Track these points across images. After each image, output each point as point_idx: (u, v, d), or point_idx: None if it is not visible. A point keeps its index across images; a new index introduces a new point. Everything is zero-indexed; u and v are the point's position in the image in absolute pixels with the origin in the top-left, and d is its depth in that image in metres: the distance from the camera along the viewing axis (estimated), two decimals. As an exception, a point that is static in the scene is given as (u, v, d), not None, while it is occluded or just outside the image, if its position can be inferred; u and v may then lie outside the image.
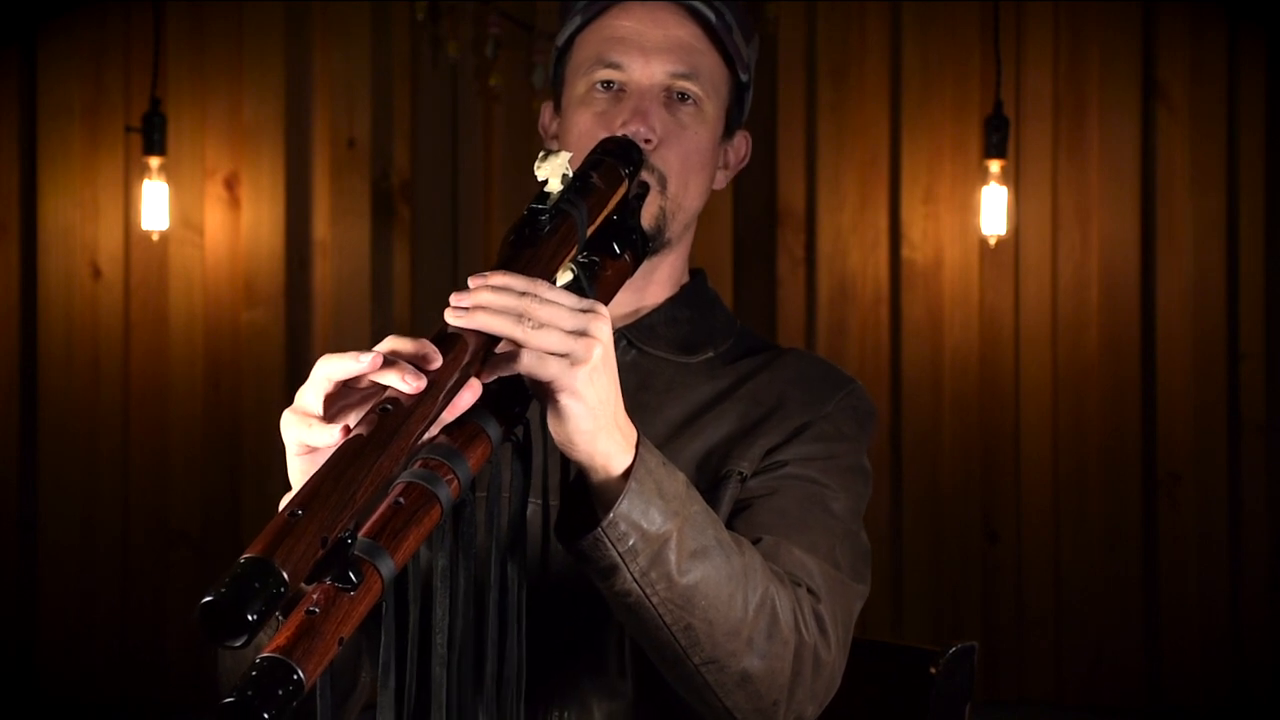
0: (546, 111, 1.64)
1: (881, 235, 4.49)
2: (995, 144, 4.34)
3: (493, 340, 1.18)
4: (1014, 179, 4.44)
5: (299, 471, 1.17)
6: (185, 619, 4.38)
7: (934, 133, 4.47)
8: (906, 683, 1.61)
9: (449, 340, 1.15)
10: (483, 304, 1.17)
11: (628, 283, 1.55)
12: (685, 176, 1.54)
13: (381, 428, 1.06)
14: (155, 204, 4.26)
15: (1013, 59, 4.45)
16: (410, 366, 1.10)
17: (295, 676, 0.95)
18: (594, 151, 1.43)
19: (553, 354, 1.19)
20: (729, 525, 1.45)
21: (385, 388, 1.10)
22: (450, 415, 1.15)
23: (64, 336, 4.35)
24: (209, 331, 4.38)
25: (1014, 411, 4.46)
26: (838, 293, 4.49)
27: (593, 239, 1.36)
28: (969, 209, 4.44)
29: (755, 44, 1.62)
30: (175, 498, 4.38)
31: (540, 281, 1.20)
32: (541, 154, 1.32)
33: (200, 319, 4.38)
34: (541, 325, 1.18)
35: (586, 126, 1.53)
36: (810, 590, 1.39)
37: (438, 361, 1.11)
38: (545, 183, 1.30)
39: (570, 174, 1.31)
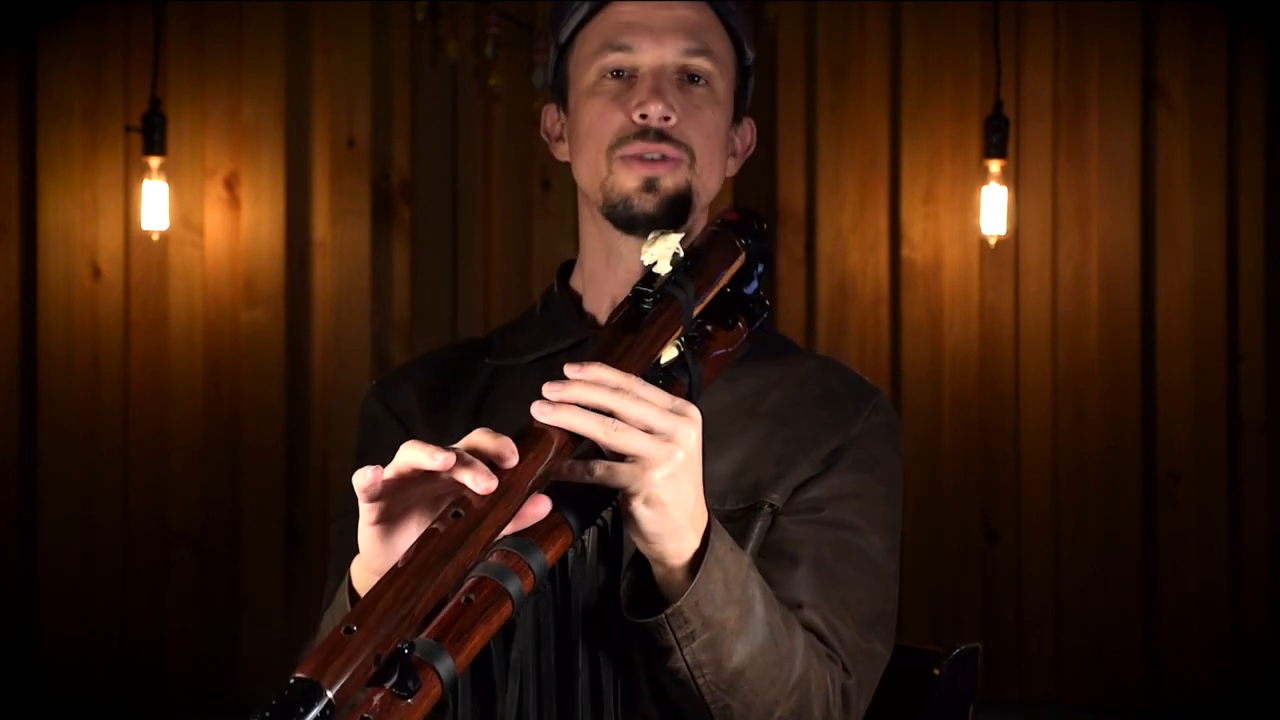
0: (549, 115, 1.61)
1: (881, 235, 4.49)
2: (995, 144, 4.34)
3: (579, 436, 1.18)
4: (1014, 179, 4.44)
5: (367, 541, 1.18)
6: (185, 619, 4.38)
7: (934, 133, 4.47)
8: (909, 684, 1.60)
9: (533, 436, 1.15)
10: (570, 399, 1.17)
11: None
12: (708, 155, 1.52)
13: (448, 536, 1.06)
14: (155, 204, 4.26)
15: (1013, 59, 4.45)
16: (484, 467, 1.11)
17: None
18: (712, 223, 1.41)
19: (633, 455, 1.18)
20: (766, 568, 1.43)
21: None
22: (515, 527, 1.14)
23: (64, 336, 4.35)
24: (209, 331, 4.38)
25: (1014, 411, 4.46)
26: (838, 293, 4.49)
27: (708, 310, 1.34)
28: (969, 209, 4.44)
29: (754, 27, 1.61)
30: (175, 498, 4.37)
31: (634, 379, 1.20)
32: (650, 236, 1.31)
33: (200, 319, 4.38)
34: (626, 427, 1.18)
35: (599, 112, 1.51)
36: (844, 667, 1.39)
37: (513, 460, 1.12)
38: (654, 264, 1.29)
39: (681, 254, 1.30)
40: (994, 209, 4.36)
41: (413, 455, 1.11)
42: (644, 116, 1.48)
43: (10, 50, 4.35)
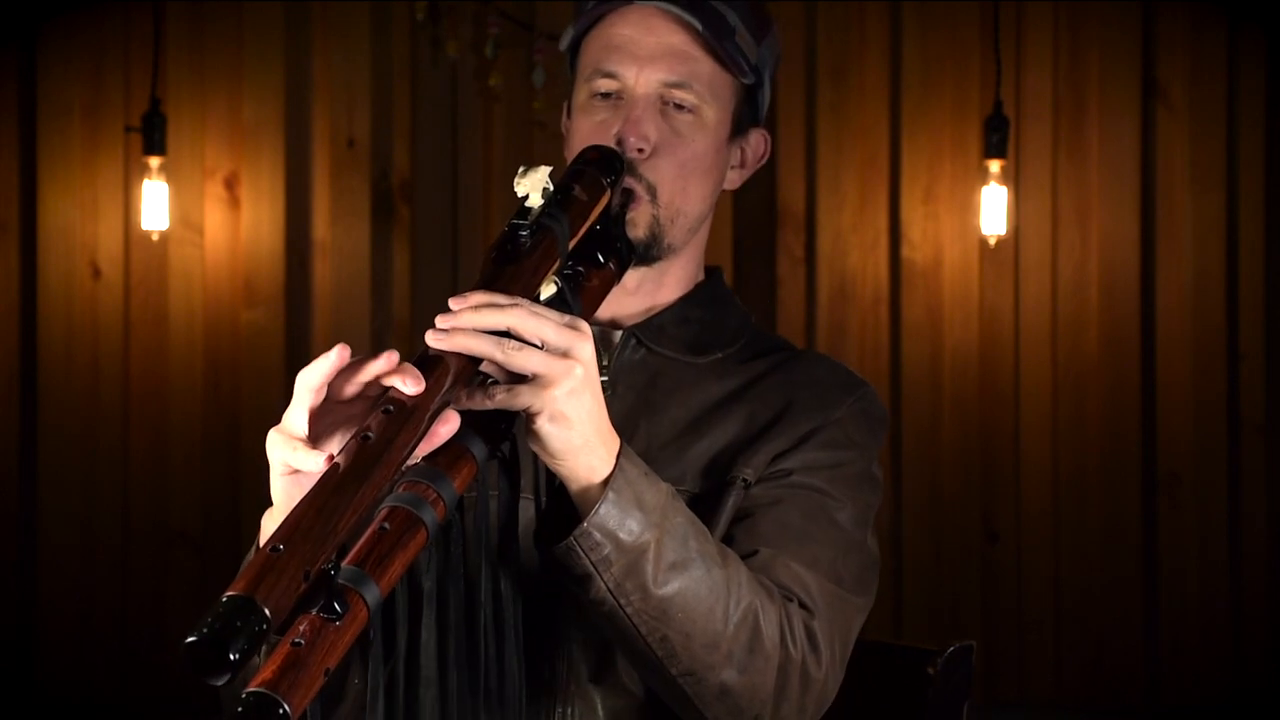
0: (564, 114, 1.65)
1: (881, 235, 4.49)
2: (995, 144, 4.34)
3: (476, 361, 1.18)
4: (1014, 179, 4.44)
5: (282, 491, 1.17)
6: (185, 619, 4.38)
7: (934, 133, 4.47)
8: (904, 683, 1.61)
9: (430, 363, 1.15)
10: (463, 325, 1.17)
11: (640, 286, 1.56)
12: (682, 183, 1.53)
13: (361, 457, 1.07)
14: (155, 204, 4.26)
15: (1013, 59, 4.45)
16: (413, 368, 1.11)
17: (281, 711, 0.96)
18: (575, 161, 1.43)
19: (532, 373, 1.19)
20: (730, 533, 1.44)
21: (375, 402, 1.10)
22: (427, 448, 1.14)
23: (64, 336, 4.35)
24: (209, 331, 4.38)
25: (1014, 411, 4.46)
26: (837, 293, 4.49)
27: (577, 249, 1.36)
28: (969, 209, 4.44)
29: (771, 40, 1.60)
30: (175, 498, 4.38)
31: (522, 300, 1.20)
32: (521, 170, 1.32)
33: (200, 319, 4.38)
34: (522, 346, 1.18)
35: (586, 134, 1.53)
36: (803, 605, 1.38)
37: (414, 388, 1.11)
38: (526, 198, 1.30)
39: (551, 188, 1.31)
40: (994, 209, 4.36)
41: (312, 371, 1.12)
42: (619, 144, 1.50)
43: (10, 50, 4.35)
